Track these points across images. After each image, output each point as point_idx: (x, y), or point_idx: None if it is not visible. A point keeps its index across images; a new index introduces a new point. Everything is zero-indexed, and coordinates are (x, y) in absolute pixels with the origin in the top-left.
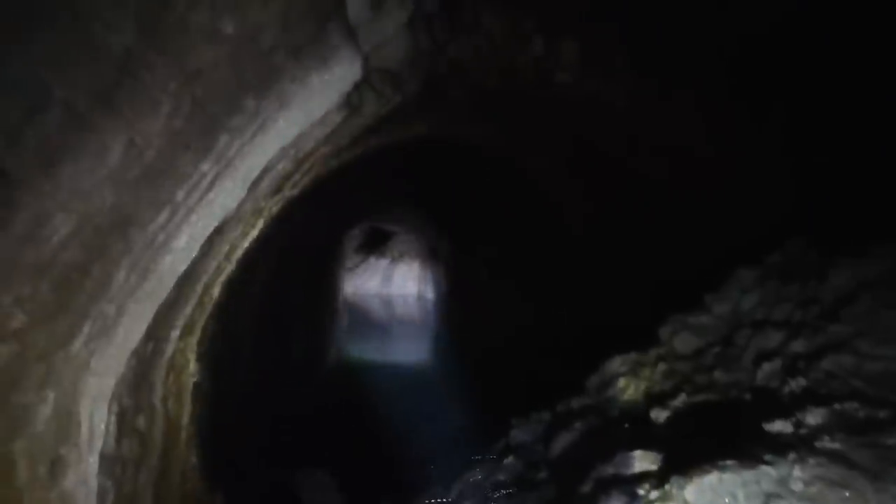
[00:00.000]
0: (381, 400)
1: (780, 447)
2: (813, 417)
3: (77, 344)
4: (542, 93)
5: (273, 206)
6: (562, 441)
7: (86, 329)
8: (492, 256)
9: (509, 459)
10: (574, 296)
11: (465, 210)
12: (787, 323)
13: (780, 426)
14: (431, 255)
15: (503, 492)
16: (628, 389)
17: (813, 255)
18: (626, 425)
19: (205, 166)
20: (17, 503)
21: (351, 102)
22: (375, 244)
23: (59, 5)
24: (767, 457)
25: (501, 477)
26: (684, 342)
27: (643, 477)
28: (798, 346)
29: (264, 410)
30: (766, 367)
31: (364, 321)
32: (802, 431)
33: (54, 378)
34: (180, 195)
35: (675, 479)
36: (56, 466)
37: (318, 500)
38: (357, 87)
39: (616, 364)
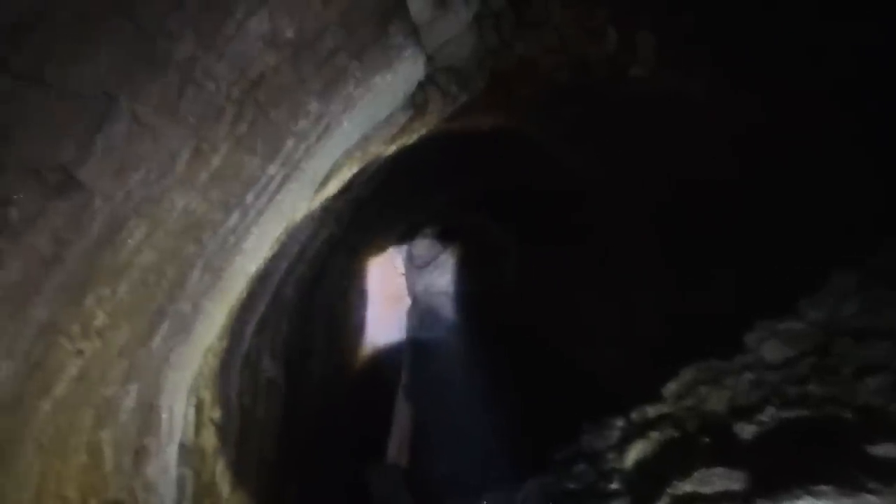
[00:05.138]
0: (446, 393)
1: (885, 474)
2: None
3: (157, 340)
4: (615, 89)
5: (342, 206)
6: (637, 451)
7: (164, 326)
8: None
9: (580, 466)
10: (651, 296)
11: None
12: (894, 333)
13: (886, 450)
14: (500, 252)
15: (573, 502)
16: (710, 399)
17: None
18: (707, 439)
19: (272, 169)
20: (105, 489)
21: (416, 102)
22: (445, 242)
23: (121, 20)
24: (871, 484)
25: (571, 485)
26: (774, 350)
27: (724, 497)
28: None
29: (337, 404)
30: (870, 381)
31: (434, 318)
32: None
33: (136, 372)
34: (249, 198)
35: (760, 503)
36: (139, 455)
37: (386, 493)
38: (421, 86)
39: (696, 371)
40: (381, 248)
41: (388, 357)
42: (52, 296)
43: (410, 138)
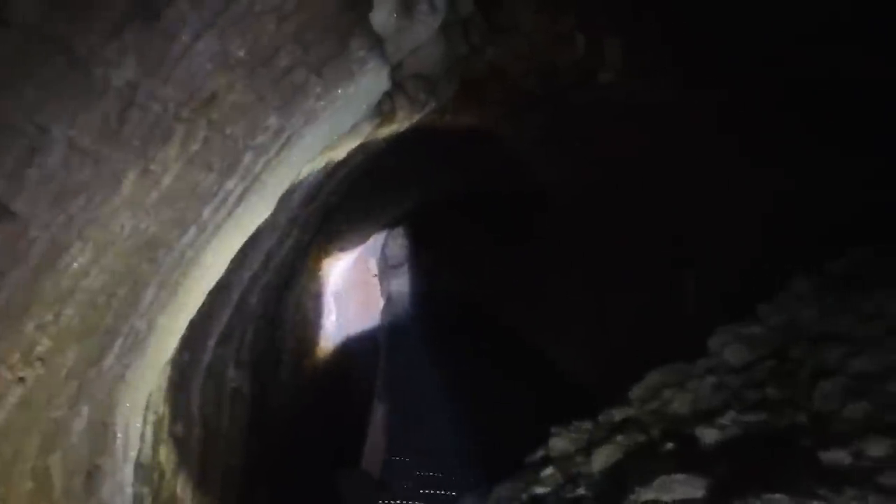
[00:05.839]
0: (420, 395)
1: (836, 481)
2: (876, 448)
3: (109, 360)
4: (583, 93)
5: (310, 214)
6: (603, 455)
7: (117, 345)
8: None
9: (549, 470)
10: (622, 297)
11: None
12: (850, 338)
13: (837, 456)
14: (474, 253)
15: None
16: (674, 403)
17: (879, 265)
18: (671, 444)
19: (230, 184)
20: None
21: (382, 110)
22: (419, 243)
23: (52, 52)
24: (821, 491)
25: (539, 489)
26: (735, 354)
27: None
28: (861, 364)
29: (309, 409)
30: (825, 386)
31: (408, 319)
32: (863, 464)
33: (87, 393)
34: (206, 213)
35: None
36: (92, 477)
37: (357, 498)
38: (388, 95)
39: (661, 374)
40: (351, 251)
41: (362, 360)
42: None
43: (379, 144)
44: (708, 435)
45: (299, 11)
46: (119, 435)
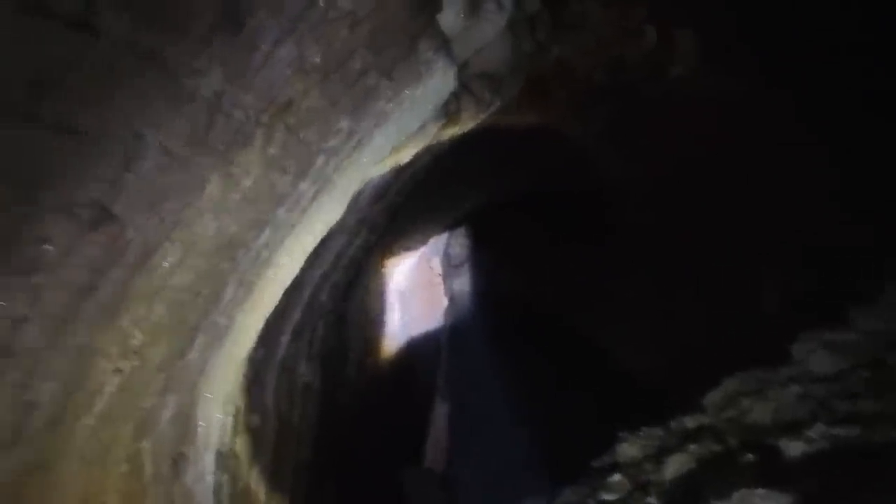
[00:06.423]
0: (483, 394)
1: None
2: None
3: (193, 353)
4: (653, 87)
5: (377, 214)
6: (675, 464)
7: (200, 340)
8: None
9: (616, 477)
10: (693, 298)
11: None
12: None
13: None
14: (537, 251)
15: None
16: (753, 412)
17: None
18: (750, 455)
19: (303, 186)
20: (144, 497)
21: (448, 111)
22: (482, 242)
23: (147, 64)
24: None
25: (606, 496)
26: (822, 362)
27: None
28: None
29: (374, 406)
30: None
31: (471, 318)
32: None
33: (174, 385)
34: (281, 214)
35: None
36: (177, 464)
37: (421, 496)
38: (455, 95)
39: (739, 381)
40: (415, 250)
41: (425, 358)
42: (89, 321)
43: (443, 144)
44: (793, 448)
45: (372, 16)
46: (201, 424)
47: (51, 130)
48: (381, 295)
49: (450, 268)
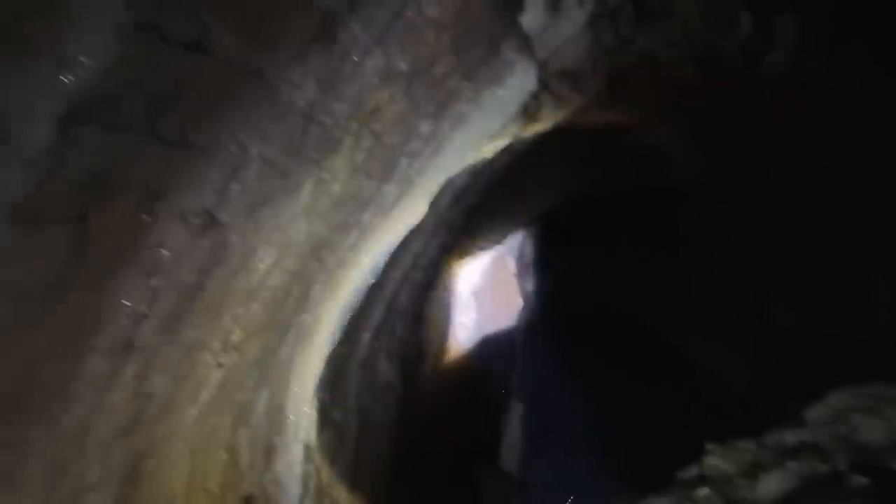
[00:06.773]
0: (558, 396)
1: None
2: None
3: (284, 349)
4: (747, 79)
5: (455, 215)
6: (772, 481)
7: (290, 337)
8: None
9: (704, 491)
10: (787, 303)
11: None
12: None
13: None
14: (613, 252)
15: None
16: (864, 430)
17: None
18: (862, 478)
19: (387, 189)
20: (241, 484)
21: (528, 110)
22: (556, 241)
23: (250, 79)
24: None
25: None
26: None
27: None
28: None
29: (449, 406)
30: None
31: (545, 318)
32: None
33: (267, 379)
34: (366, 217)
35: None
36: (269, 454)
37: (496, 496)
38: (534, 94)
39: (849, 396)
40: (490, 250)
41: (499, 358)
42: (196, 319)
43: (521, 144)
44: None
45: (456, 21)
46: (291, 417)
47: (168, 145)
48: (457, 294)
49: (524, 267)
